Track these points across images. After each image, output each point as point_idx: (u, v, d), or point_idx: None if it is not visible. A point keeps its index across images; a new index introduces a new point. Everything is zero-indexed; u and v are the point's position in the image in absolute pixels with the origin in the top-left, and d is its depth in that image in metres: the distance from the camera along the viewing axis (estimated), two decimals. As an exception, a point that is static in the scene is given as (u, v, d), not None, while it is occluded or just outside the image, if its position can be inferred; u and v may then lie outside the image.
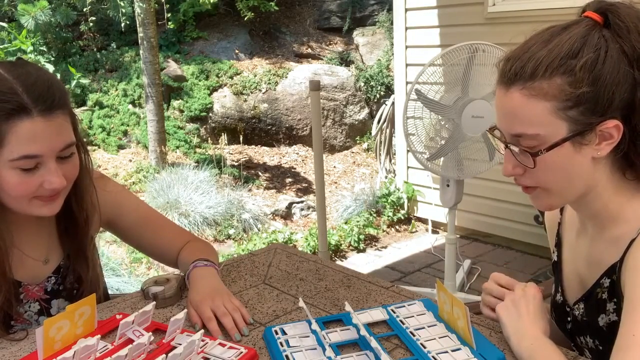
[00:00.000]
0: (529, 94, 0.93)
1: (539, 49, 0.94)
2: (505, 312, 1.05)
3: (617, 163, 0.98)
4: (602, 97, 0.91)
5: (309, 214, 4.93)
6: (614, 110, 0.92)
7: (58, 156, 1.11)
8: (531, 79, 0.93)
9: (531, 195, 1.03)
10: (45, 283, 1.27)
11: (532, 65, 0.93)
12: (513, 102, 0.95)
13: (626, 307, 0.91)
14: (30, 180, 1.09)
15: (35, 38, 5.74)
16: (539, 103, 0.93)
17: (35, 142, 1.06)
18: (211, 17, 7.45)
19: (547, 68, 0.92)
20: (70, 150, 1.14)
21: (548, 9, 3.34)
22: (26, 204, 1.13)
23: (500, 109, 0.99)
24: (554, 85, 0.92)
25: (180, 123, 6.02)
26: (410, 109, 2.78)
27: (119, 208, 1.38)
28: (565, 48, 0.92)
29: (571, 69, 0.91)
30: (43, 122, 1.06)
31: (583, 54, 0.91)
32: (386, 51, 6.74)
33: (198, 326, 1.13)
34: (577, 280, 1.11)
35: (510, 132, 0.97)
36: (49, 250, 1.28)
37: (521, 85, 0.94)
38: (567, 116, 0.92)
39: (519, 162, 0.98)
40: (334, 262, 1.84)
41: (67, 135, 1.12)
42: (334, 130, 6.48)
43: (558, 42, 0.93)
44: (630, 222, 0.98)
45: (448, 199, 2.97)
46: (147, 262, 3.98)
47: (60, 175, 1.11)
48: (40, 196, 1.12)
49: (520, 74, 0.94)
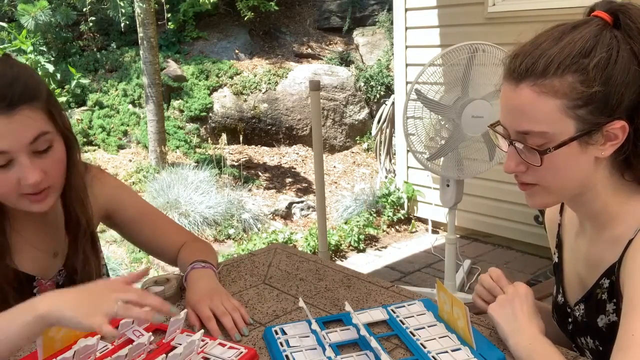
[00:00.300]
0: (539, 90, 0.92)
1: (550, 46, 0.93)
2: (499, 312, 1.04)
3: (616, 164, 0.98)
4: (612, 97, 0.91)
5: (309, 214, 4.93)
6: (622, 111, 0.92)
7: (33, 150, 1.09)
8: (542, 75, 0.92)
9: (528, 192, 1.03)
10: (57, 277, 1.29)
11: (544, 62, 0.92)
12: (522, 99, 0.94)
13: (625, 308, 0.91)
14: (6, 177, 1.08)
15: (35, 38, 5.74)
16: (549, 100, 0.92)
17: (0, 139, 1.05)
18: (211, 17, 7.45)
19: (560, 65, 0.91)
20: (45, 143, 1.10)
21: (548, 9, 3.34)
22: (15, 201, 1.12)
23: (507, 105, 0.97)
24: (566, 83, 0.91)
25: (180, 123, 6.02)
26: (410, 109, 2.78)
27: (118, 202, 1.38)
28: (578, 46, 0.91)
29: (583, 68, 0.90)
30: (3, 119, 1.04)
31: (596, 53, 0.90)
32: (386, 51, 6.74)
33: (196, 327, 1.13)
34: (577, 281, 1.12)
35: (517, 129, 0.97)
36: (57, 243, 1.29)
37: (532, 82, 0.93)
38: (576, 115, 0.92)
39: (522, 159, 0.98)
40: (334, 262, 1.84)
41: (35, 128, 1.08)
42: (334, 130, 6.48)
43: (570, 40, 0.92)
44: (628, 222, 0.98)
45: (448, 199, 2.97)
46: (147, 262, 3.98)
47: (34, 169, 1.08)
48: (27, 194, 1.11)
49: (531, 70, 0.93)
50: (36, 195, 1.12)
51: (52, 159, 1.13)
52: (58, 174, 1.16)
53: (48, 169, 1.12)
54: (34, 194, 1.11)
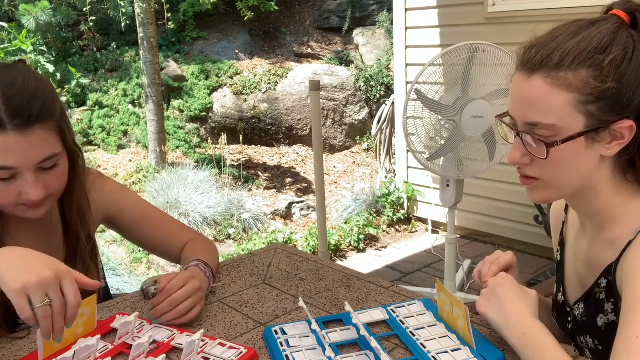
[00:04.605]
0: (552, 82, 0.92)
1: (567, 39, 0.93)
2: (487, 306, 1.01)
3: (620, 164, 0.98)
4: (623, 95, 0.91)
5: (309, 214, 4.93)
6: (631, 110, 0.92)
7: (39, 167, 1.09)
8: (557, 68, 0.92)
9: (529, 186, 1.02)
10: None
11: (560, 55, 0.92)
12: (534, 90, 0.94)
13: (624, 309, 0.91)
14: (8, 189, 1.08)
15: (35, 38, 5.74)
16: (561, 93, 0.92)
17: (9, 155, 1.04)
18: (211, 17, 7.45)
19: (575, 59, 0.91)
20: (52, 162, 1.11)
21: (548, 9, 3.34)
22: (12, 209, 1.13)
23: (518, 96, 0.97)
24: (579, 78, 0.91)
25: (180, 123, 6.02)
26: (410, 109, 2.78)
27: (118, 205, 1.38)
28: (595, 42, 0.91)
29: (598, 64, 0.90)
30: (17, 137, 1.03)
31: (612, 50, 0.90)
32: (386, 51, 6.73)
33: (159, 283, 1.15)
34: (578, 280, 1.12)
35: (525, 120, 0.96)
36: (53, 248, 1.28)
37: (545, 74, 0.93)
38: (587, 110, 0.92)
39: (527, 151, 0.97)
40: (334, 262, 1.84)
41: (47, 149, 1.08)
42: (334, 130, 6.48)
43: (587, 35, 0.92)
44: (628, 223, 0.97)
45: (448, 199, 2.97)
46: (147, 262, 3.98)
47: (37, 187, 1.09)
48: (24, 203, 1.12)
49: (546, 62, 0.93)
50: (33, 204, 1.13)
51: (55, 175, 1.13)
52: (59, 187, 1.17)
53: (50, 184, 1.13)
54: (32, 203, 1.12)
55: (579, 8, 3.01)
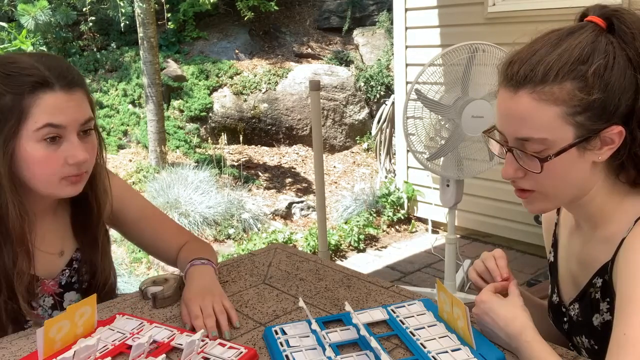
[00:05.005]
0: (539, 98, 0.92)
1: (548, 52, 0.93)
2: (483, 323, 1.04)
3: (612, 167, 0.98)
4: (609, 103, 0.91)
5: (309, 214, 4.93)
6: (618, 116, 0.92)
7: (79, 131, 1.16)
8: (542, 82, 0.92)
9: (526, 199, 1.03)
10: (60, 277, 1.29)
11: (543, 69, 0.92)
12: (521, 106, 0.93)
13: (618, 307, 0.91)
14: (54, 155, 1.13)
15: (35, 38, 5.74)
16: (549, 107, 0.92)
17: (59, 113, 1.12)
18: (211, 17, 7.45)
19: (559, 72, 0.91)
20: (90, 126, 1.18)
21: (548, 9, 3.34)
22: (56, 184, 1.16)
23: (506, 113, 0.97)
24: (565, 90, 0.91)
25: (180, 123, 6.02)
26: (410, 109, 2.78)
27: (122, 203, 1.39)
28: (576, 53, 0.91)
29: (582, 75, 0.90)
30: (65, 95, 1.12)
31: (594, 59, 0.90)
32: (386, 51, 6.73)
33: (188, 325, 1.13)
34: (571, 280, 1.12)
35: (516, 136, 0.96)
36: (63, 242, 1.30)
37: (531, 89, 0.92)
38: (575, 121, 0.92)
39: (520, 165, 0.98)
40: (334, 262, 1.84)
41: (87, 111, 1.17)
42: (334, 130, 6.48)
43: (567, 46, 0.92)
44: (621, 221, 0.98)
45: (448, 199, 2.97)
46: (147, 262, 3.98)
47: (83, 149, 1.15)
48: (67, 177, 1.16)
49: (530, 77, 0.92)
50: (76, 176, 1.17)
51: (92, 144, 1.20)
52: (92, 160, 1.22)
53: (89, 152, 1.18)
54: (75, 175, 1.16)
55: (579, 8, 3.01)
